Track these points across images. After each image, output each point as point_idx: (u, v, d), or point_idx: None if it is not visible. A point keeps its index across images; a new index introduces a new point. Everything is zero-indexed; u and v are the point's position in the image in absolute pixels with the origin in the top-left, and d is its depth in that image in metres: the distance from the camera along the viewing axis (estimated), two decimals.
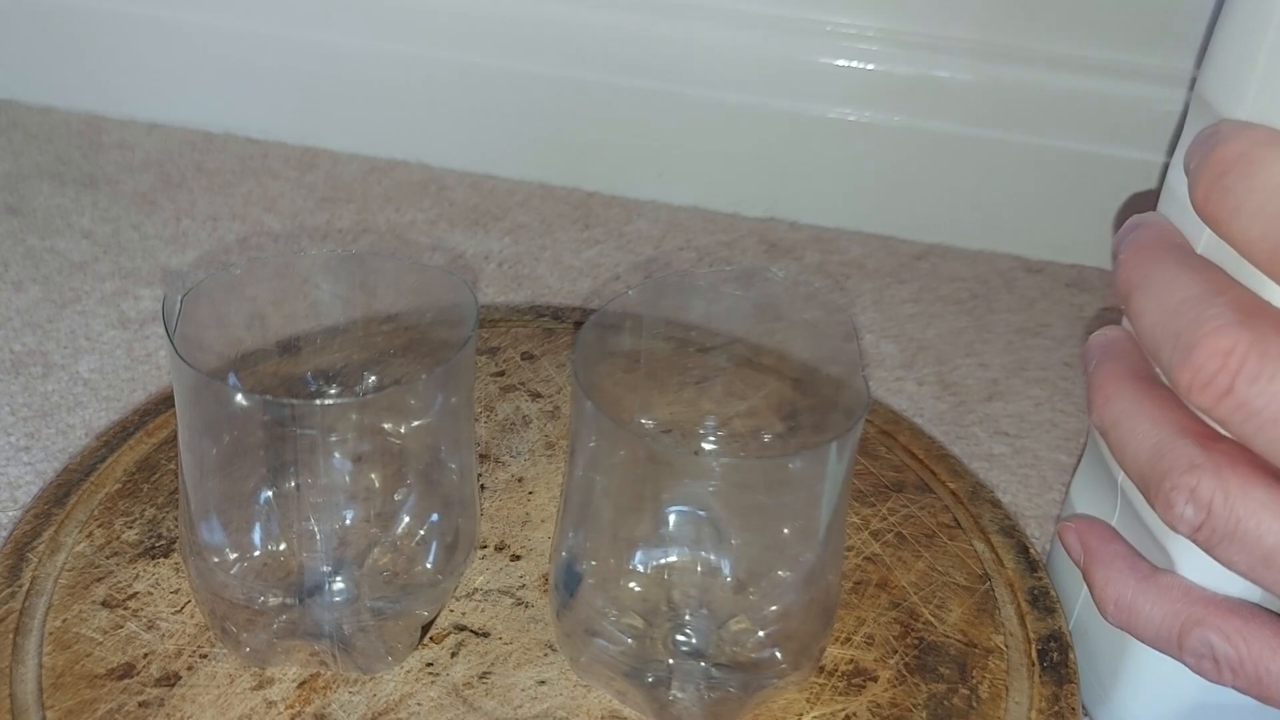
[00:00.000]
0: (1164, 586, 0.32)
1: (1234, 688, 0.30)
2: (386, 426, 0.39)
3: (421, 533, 0.39)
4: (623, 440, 0.35)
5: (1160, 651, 0.33)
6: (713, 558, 0.39)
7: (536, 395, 0.51)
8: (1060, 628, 0.41)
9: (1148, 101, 0.63)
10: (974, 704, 0.38)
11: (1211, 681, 0.31)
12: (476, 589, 0.42)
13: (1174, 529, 0.29)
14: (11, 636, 0.38)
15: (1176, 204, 0.32)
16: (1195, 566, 0.33)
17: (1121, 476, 0.37)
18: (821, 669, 0.39)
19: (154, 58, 0.75)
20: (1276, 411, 0.26)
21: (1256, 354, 0.26)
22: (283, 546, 0.39)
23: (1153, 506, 0.30)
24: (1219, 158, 0.27)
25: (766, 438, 0.44)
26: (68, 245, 0.63)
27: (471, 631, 0.40)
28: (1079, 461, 0.44)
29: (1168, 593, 0.32)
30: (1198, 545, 0.29)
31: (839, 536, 0.37)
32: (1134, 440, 0.30)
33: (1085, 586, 0.37)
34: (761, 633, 0.37)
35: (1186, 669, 0.32)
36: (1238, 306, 0.27)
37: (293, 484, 0.38)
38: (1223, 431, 0.29)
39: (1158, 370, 0.32)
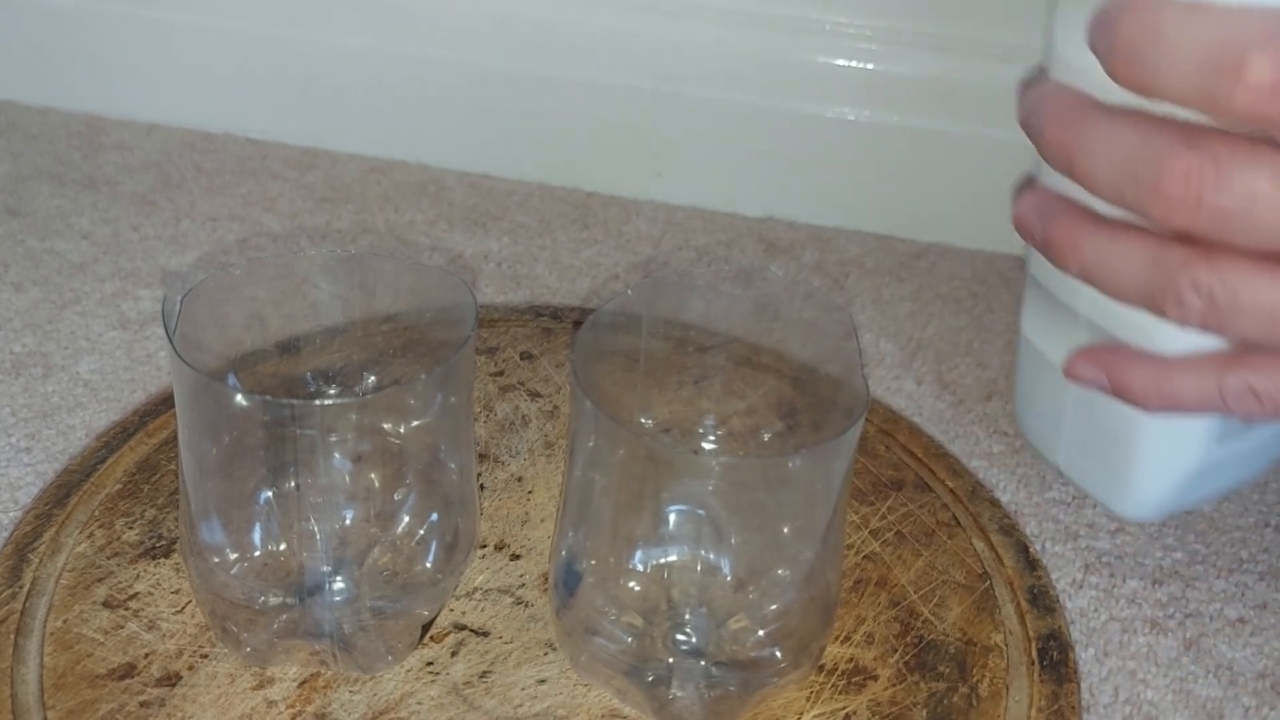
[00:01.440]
0: (1191, 362, 0.36)
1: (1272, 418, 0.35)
2: (386, 426, 0.39)
3: (421, 532, 0.39)
4: (622, 439, 0.35)
5: (1204, 412, 0.36)
6: (712, 556, 0.39)
7: (535, 395, 0.51)
8: (1060, 626, 0.41)
9: None
10: (974, 702, 0.38)
11: (1253, 420, 0.36)
12: (476, 588, 0.42)
13: (1185, 323, 0.33)
14: (13, 637, 0.38)
15: (1072, 71, 0.35)
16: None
17: (1084, 305, 0.39)
18: (821, 668, 0.39)
19: (154, 58, 0.75)
20: (1242, 204, 0.30)
21: (1211, 166, 0.30)
22: (283, 546, 0.39)
23: (1162, 312, 0.33)
24: (1125, 33, 0.31)
25: (766, 436, 0.44)
26: (67, 246, 0.63)
27: (471, 631, 0.40)
28: (1020, 315, 0.44)
29: (1196, 364, 0.35)
30: (1211, 331, 0.33)
31: (838, 535, 0.37)
32: (1125, 267, 0.34)
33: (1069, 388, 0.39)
34: (761, 631, 0.37)
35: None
36: (1178, 135, 0.31)
37: (293, 484, 0.38)
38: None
39: (1119, 214, 0.34)
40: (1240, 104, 0.29)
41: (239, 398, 0.36)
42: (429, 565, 0.39)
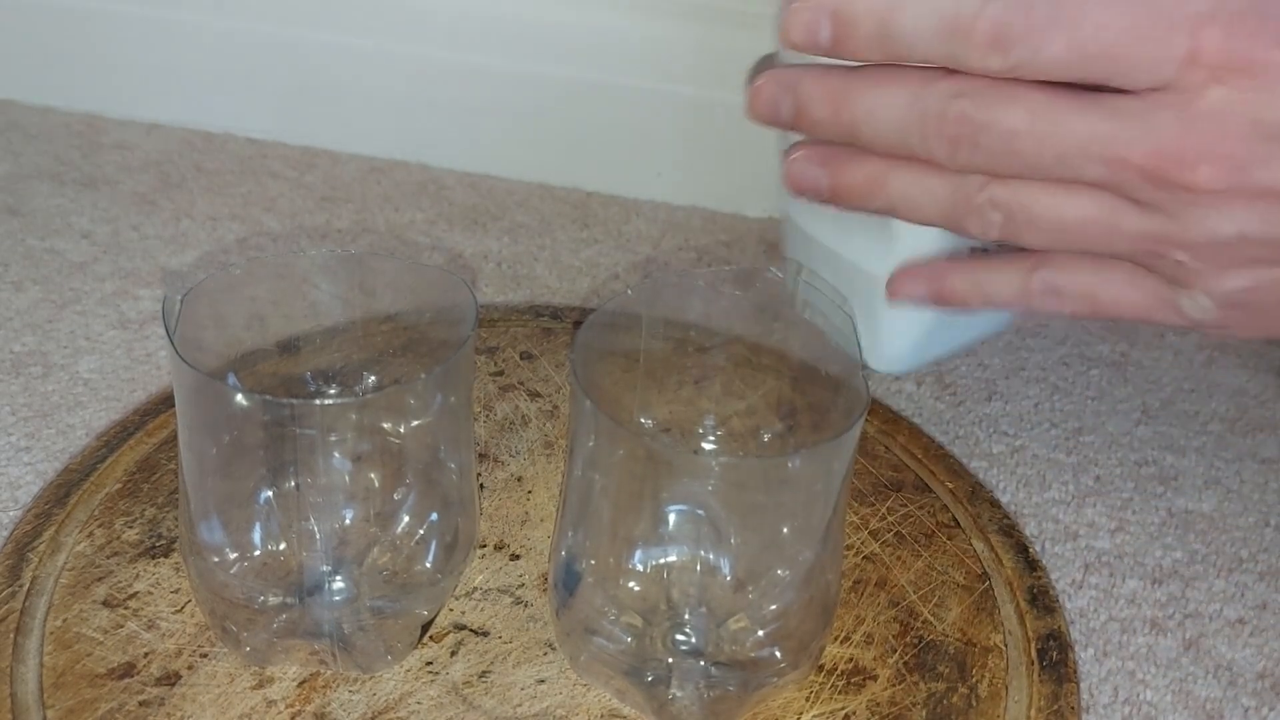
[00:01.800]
0: (1000, 262, 0.38)
1: (1074, 314, 0.38)
2: (386, 426, 0.39)
3: (421, 532, 0.39)
4: (622, 439, 0.35)
5: (1016, 308, 0.38)
6: (712, 557, 0.39)
7: (535, 395, 0.51)
8: (1060, 626, 0.41)
9: None
10: (973, 702, 0.38)
11: (1058, 315, 0.38)
12: (476, 588, 0.42)
13: (987, 238, 0.36)
14: (12, 636, 0.38)
15: (795, 55, 0.37)
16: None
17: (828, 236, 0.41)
18: (820, 668, 0.39)
19: (154, 58, 0.75)
20: (1005, 141, 0.33)
21: (974, 110, 0.33)
22: (283, 546, 0.39)
23: (966, 231, 0.36)
24: (862, 13, 0.33)
25: (765, 437, 0.44)
26: (67, 246, 0.63)
27: (471, 630, 0.40)
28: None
29: (1004, 264, 0.38)
30: (1010, 241, 0.36)
31: (838, 535, 0.37)
32: (926, 196, 0.36)
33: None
34: (760, 631, 0.37)
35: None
36: (945, 85, 0.33)
37: (292, 484, 0.38)
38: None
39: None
40: (978, 63, 0.32)
41: (239, 397, 0.36)
42: (428, 565, 0.39)
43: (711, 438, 0.45)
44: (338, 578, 0.38)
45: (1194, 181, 0.31)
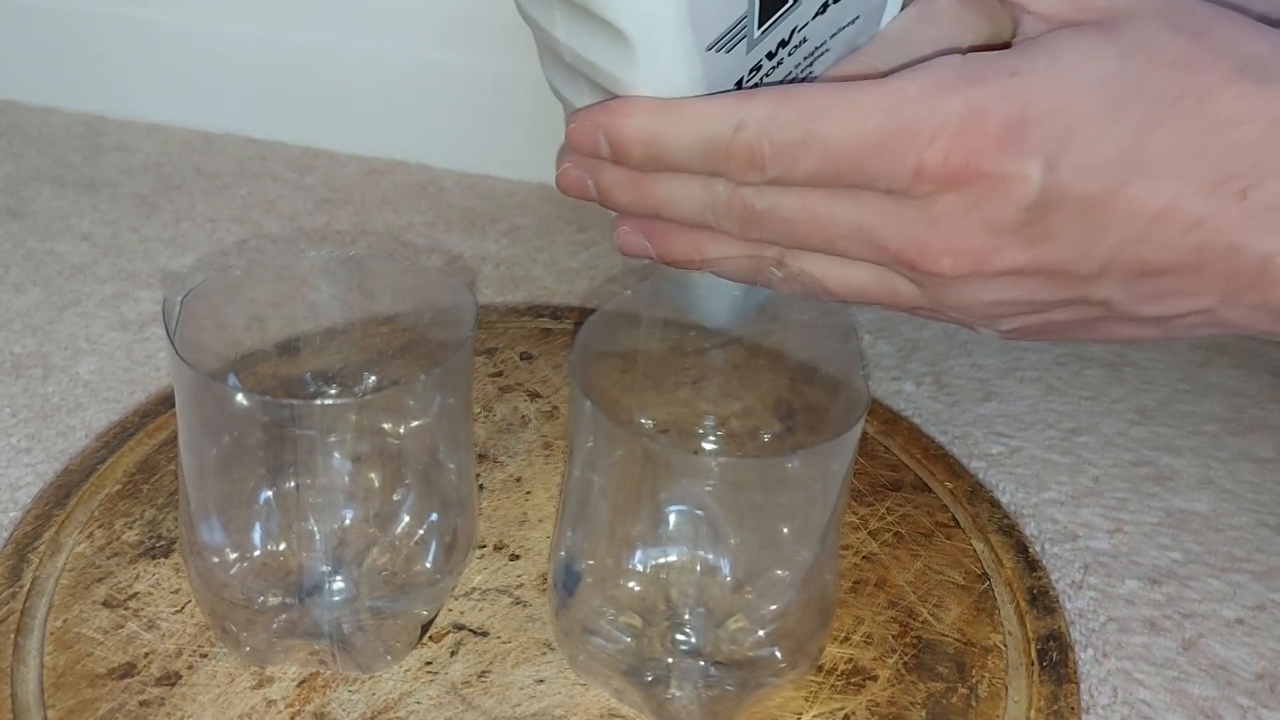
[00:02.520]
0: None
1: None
2: (385, 427, 0.39)
3: (420, 532, 0.39)
4: (620, 440, 0.36)
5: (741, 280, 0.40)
6: (711, 557, 0.39)
7: (534, 395, 0.52)
8: (1060, 627, 0.41)
9: None
10: (973, 703, 0.38)
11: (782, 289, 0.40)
12: (475, 588, 0.42)
13: (797, 294, 0.39)
14: (13, 636, 0.39)
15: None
16: None
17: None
18: (820, 668, 0.39)
19: (154, 59, 0.75)
20: (771, 206, 0.36)
21: (754, 188, 0.36)
22: (282, 546, 0.39)
23: (779, 290, 0.39)
24: (631, 135, 0.36)
25: (764, 437, 0.44)
26: (68, 248, 0.63)
27: (470, 630, 0.40)
28: None
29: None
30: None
31: (837, 536, 0.37)
32: (736, 263, 0.38)
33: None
34: (760, 631, 0.37)
35: None
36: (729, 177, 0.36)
37: (292, 484, 0.39)
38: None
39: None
40: (741, 178, 0.35)
41: (239, 398, 0.36)
42: (428, 565, 0.39)
43: (710, 438, 0.45)
44: (337, 578, 0.38)
45: (941, 270, 0.35)
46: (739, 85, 0.37)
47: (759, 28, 0.36)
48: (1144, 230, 0.34)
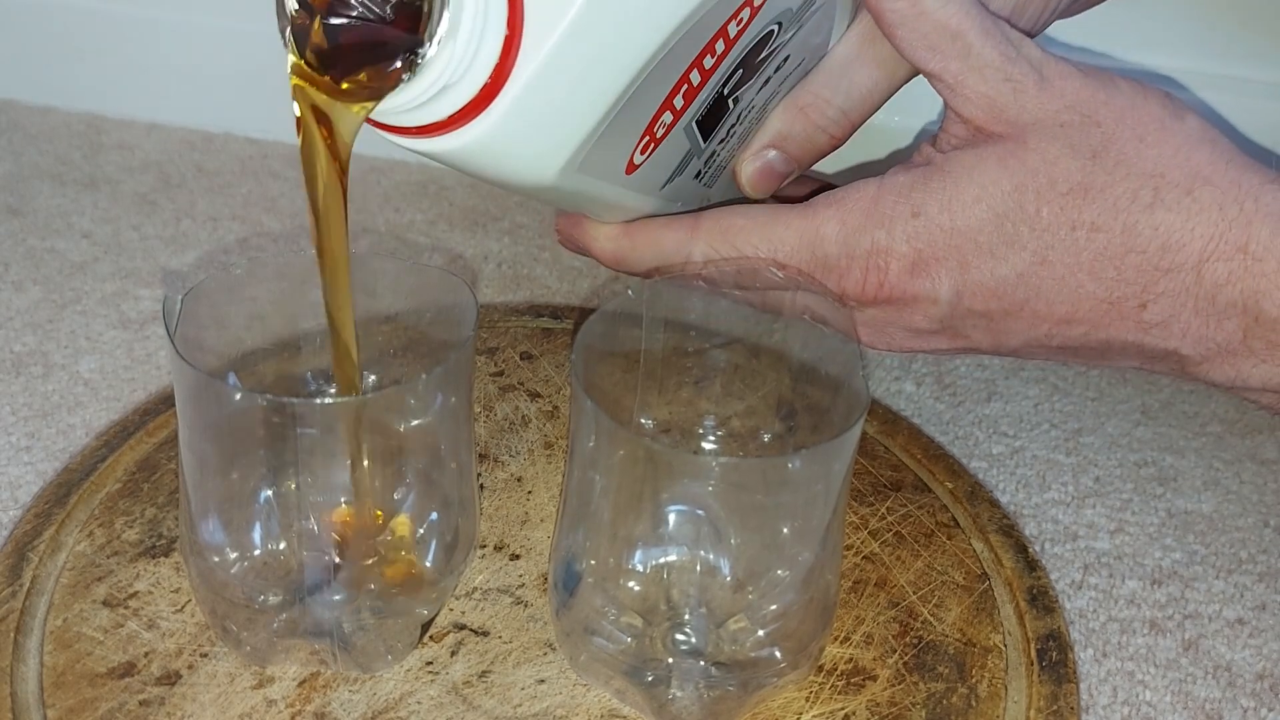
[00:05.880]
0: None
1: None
2: (386, 426, 0.39)
3: (421, 532, 0.39)
4: (622, 440, 0.35)
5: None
6: (711, 557, 0.39)
7: (535, 395, 0.52)
8: (1059, 627, 0.41)
9: None
10: (972, 703, 0.38)
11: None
12: (476, 588, 0.42)
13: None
14: (13, 635, 0.39)
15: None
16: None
17: None
18: (820, 668, 0.39)
19: (154, 58, 0.75)
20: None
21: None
22: (283, 545, 0.39)
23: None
24: (605, 249, 0.42)
25: (765, 437, 0.44)
26: (68, 246, 0.63)
27: (471, 630, 0.40)
28: None
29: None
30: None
31: (837, 536, 0.37)
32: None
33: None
34: (760, 632, 0.37)
35: None
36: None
37: (293, 483, 0.39)
38: None
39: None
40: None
41: (239, 397, 0.36)
42: (428, 565, 0.39)
43: (711, 438, 0.45)
44: (338, 577, 0.38)
45: (869, 345, 0.41)
46: (698, 176, 0.42)
47: (703, 143, 0.40)
48: (1050, 331, 0.38)
